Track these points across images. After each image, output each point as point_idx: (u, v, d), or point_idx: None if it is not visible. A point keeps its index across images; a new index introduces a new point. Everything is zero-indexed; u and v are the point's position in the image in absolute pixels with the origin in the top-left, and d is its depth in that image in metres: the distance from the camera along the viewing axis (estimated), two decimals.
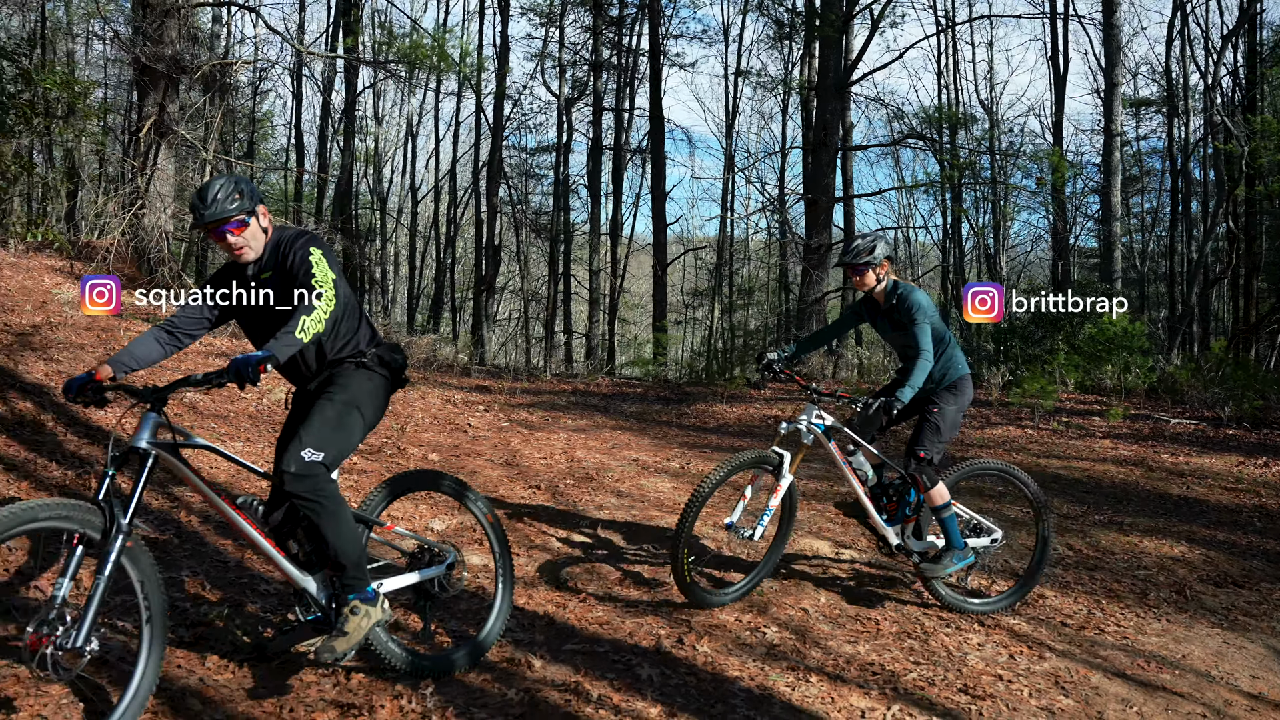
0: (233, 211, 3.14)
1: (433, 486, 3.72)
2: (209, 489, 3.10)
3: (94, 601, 2.67)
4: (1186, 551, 6.07)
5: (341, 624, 3.13)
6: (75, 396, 2.99)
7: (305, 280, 3.16)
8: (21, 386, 6.76)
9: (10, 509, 2.60)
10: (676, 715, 3.35)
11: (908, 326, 4.53)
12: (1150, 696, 3.88)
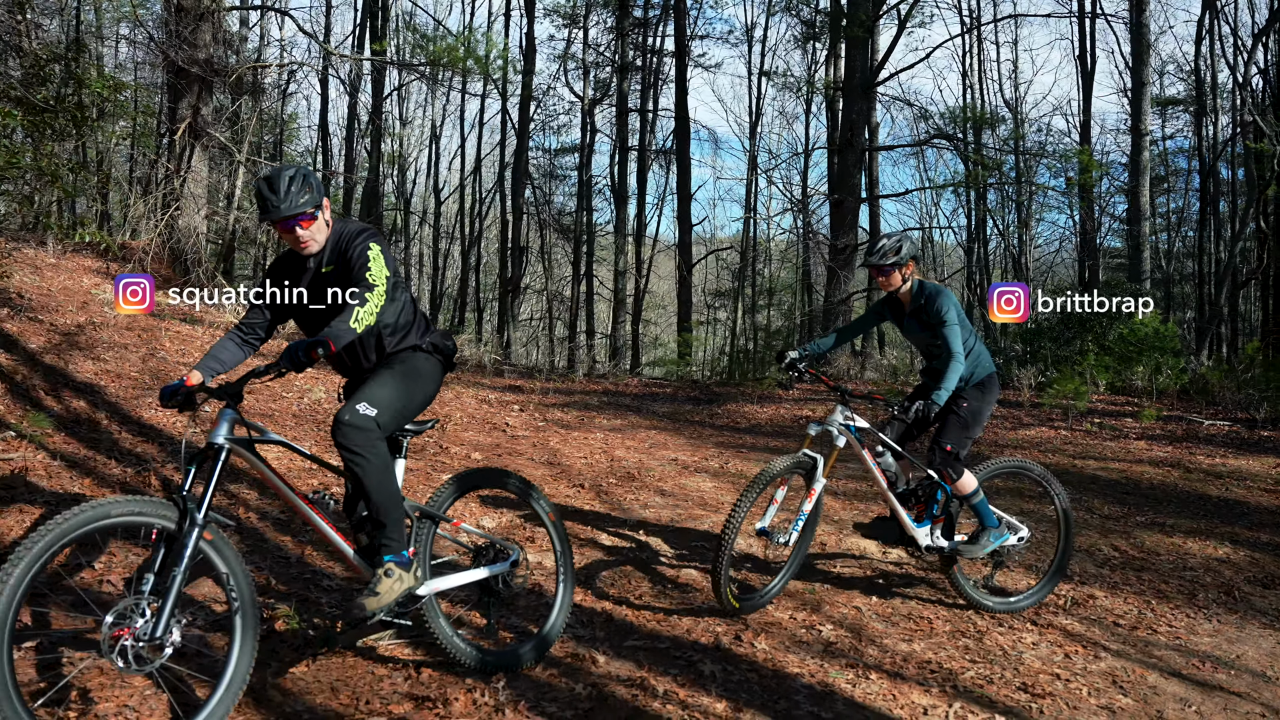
0: (304, 206, 3.21)
1: (498, 484, 3.78)
2: (283, 483, 3.17)
3: (172, 593, 2.73)
4: (1231, 553, 6.05)
5: (374, 584, 3.17)
6: (168, 402, 3.06)
7: (360, 273, 3.23)
8: (74, 385, 6.88)
9: (84, 507, 2.67)
10: (742, 711, 3.40)
11: (937, 328, 4.52)
12: (1208, 696, 3.89)
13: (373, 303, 3.12)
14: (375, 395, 3.22)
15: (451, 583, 3.50)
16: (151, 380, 7.72)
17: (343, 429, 3.11)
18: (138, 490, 5.13)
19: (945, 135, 22.00)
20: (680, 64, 21.91)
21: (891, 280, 4.56)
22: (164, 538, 2.81)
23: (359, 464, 3.13)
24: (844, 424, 4.43)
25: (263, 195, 3.20)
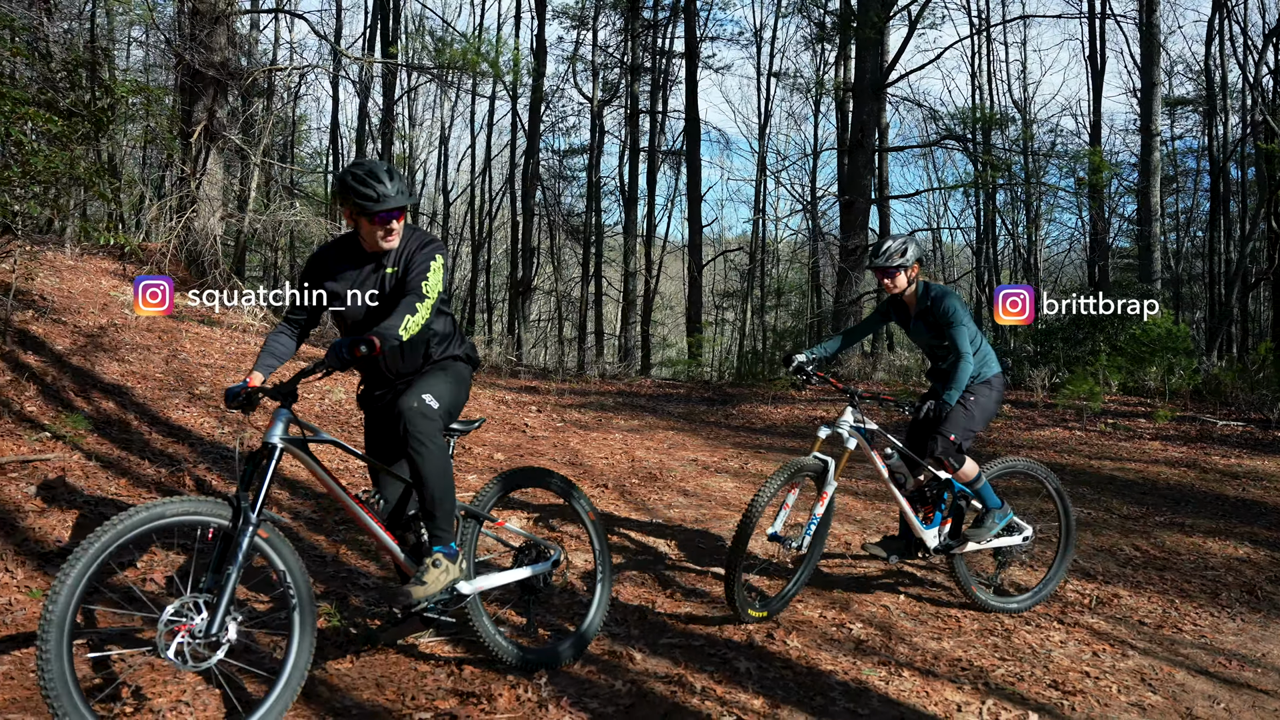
0: (404, 201, 3.26)
1: (541, 483, 3.84)
2: (335, 483, 3.23)
3: (226, 591, 2.79)
4: (1251, 552, 6.09)
5: (421, 574, 3.22)
6: (232, 404, 3.12)
7: (417, 281, 3.28)
8: (102, 387, 6.95)
9: (141, 507, 2.72)
10: (780, 707, 3.45)
11: (944, 329, 4.53)
12: (1236, 693, 3.93)
13: (421, 313, 3.19)
14: (436, 390, 3.30)
15: (496, 582, 3.56)
16: (176, 381, 7.80)
17: (411, 417, 3.17)
18: (173, 490, 5.20)
19: (955, 136, 22.02)
20: (691, 65, 21.96)
21: (896, 282, 4.55)
22: (220, 536, 2.86)
23: (422, 452, 3.19)
24: (854, 426, 4.44)
25: (366, 185, 3.20)
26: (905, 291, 4.62)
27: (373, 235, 3.31)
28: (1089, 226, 23.21)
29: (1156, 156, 19.71)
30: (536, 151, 23.26)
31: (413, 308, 3.19)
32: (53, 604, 2.50)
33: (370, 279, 3.40)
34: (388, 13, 24.00)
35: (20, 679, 3.17)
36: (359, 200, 3.21)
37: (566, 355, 24.81)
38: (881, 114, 20.71)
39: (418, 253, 3.35)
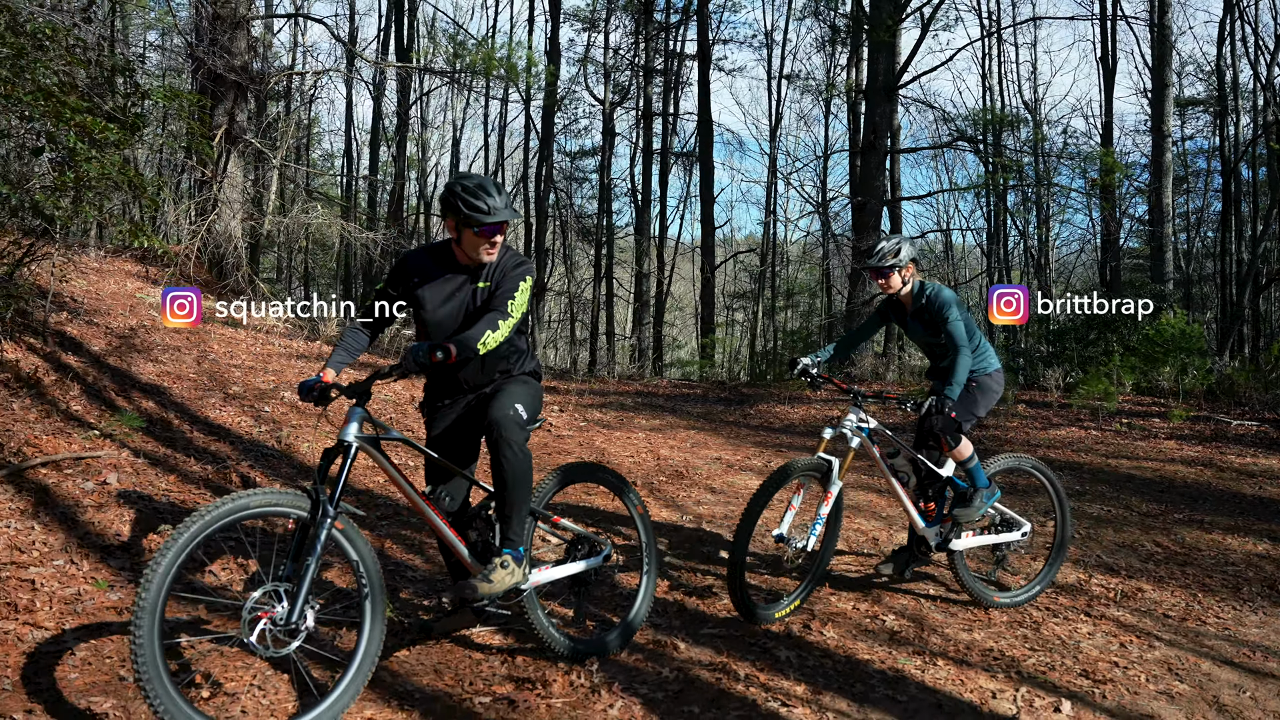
0: (509, 216, 3.38)
1: (595, 478, 3.98)
2: (405, 480, 3.36)
3: (306, 580, 2.91)
4: (1271, 549, 6.20)
5: (489, 572, 3.34)
6: (306, 397, 3.25)
7: (504, 300, 3.41)
8: (140, 387, 7.11)
9: (226, 499, 2.85)
10: (821, 693, 3.58)
11: (940, 325, 4.58)
12: (1261, 683, 4.05)
13: (502, 331, 3.33)
14: (523, 400, 3.43)
15: (552, 576, 3.68)
16: (209, 382, 7.96)
17: (505, 424, 3.30)
18: (222, 486, 5.35)
19: (966, 137, 22.11)
20: (703, 68, 22.10)
21: (890, 283, 4.62)
22: (300, 527, 2.99)
23: (510, 457, 3.31)
24: (858, 426, 4.47)
25: (477, 198, 3.32)
26: (901, 291, 4.69)
27: (475, 247, 3.42)
28: (1100, 227, 23.26)
29: (1168, 157, 19.75)
30: (551, 154, 23.41)
31: (495, 324, 3.32)
32: (145, 592, 2.63)
33: (463, 290, 3.51)
34: (402, 16, 24.18)
35: (97, 664, 3.31)
36: (468, 213, 3.32)
37: (579, 356, 24.97)
38: (894, 116, 20.80)
39: (510, 271, 3.47)
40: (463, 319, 3.50)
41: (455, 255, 3.52)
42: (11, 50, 4.19)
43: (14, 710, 2.94)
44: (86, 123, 4.47)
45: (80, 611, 3.67)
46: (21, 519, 4.31)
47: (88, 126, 4.50)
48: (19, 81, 4.28)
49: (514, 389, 3.49)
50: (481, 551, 3.51)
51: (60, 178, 4.73)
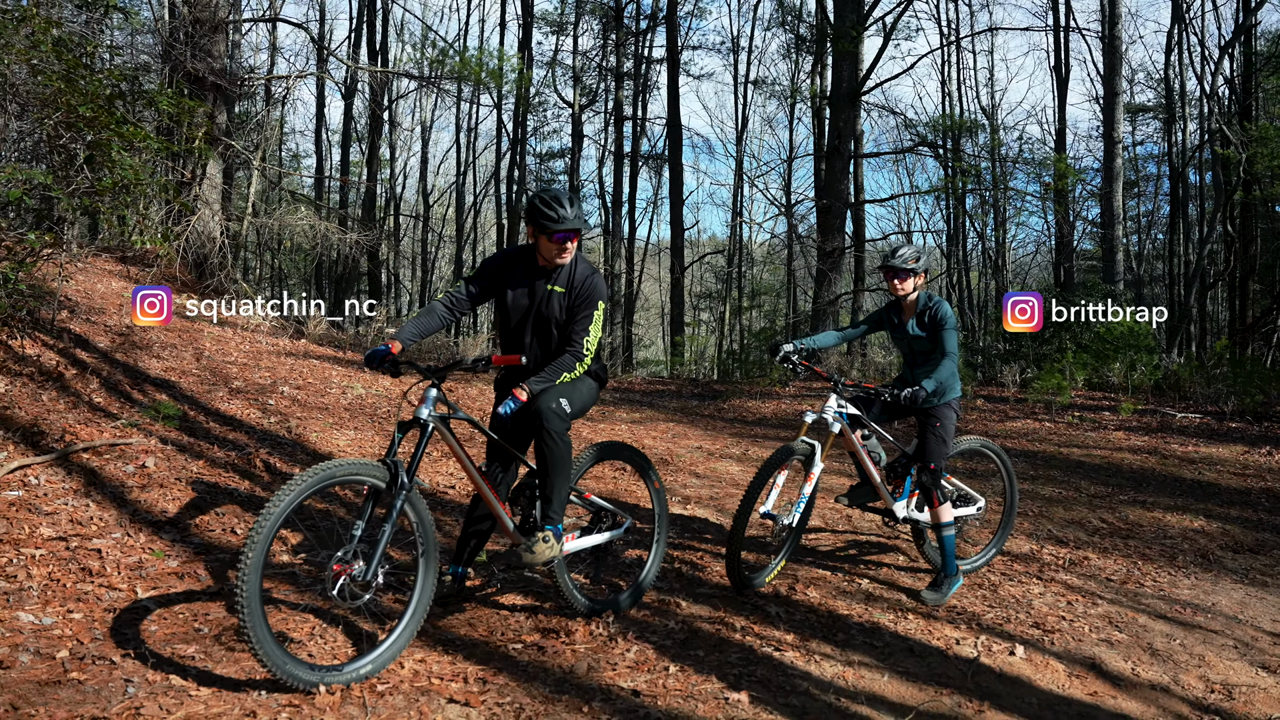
0: (579, 225, 3.84)
1: (622, 457, 4.43)
2: (467, 457, 3.78)
3: (382, 542, 3.35)
4: (1205, 525, 6.82)
5: (531, 544, 3.78)
6: (375, 367, 3.66)
7: (580, 336, 3.89)
8: (151, 381, 7.46)
9: (316, 469, 3.26)
10: (809, 640, 4.09)
11: (937, 331, 4.90)
12: (1189, 633, 4.62)
13: (580, 367, 3.85)
14: (571, 396, 3.87)
15: (580, 545, 4.15)
16: (212, 377, 8.31)
17: (548, 415, 3.75)
18: (248, 471, 5.74)
19: (927, 143, 22.86)
20: (672, 72, 22.62)
21: (905, 286, 4.93)
22: (373, 493, 3.42)
23: (552, 445, 3.77)
24: (838, 411, 4.84)
25: (550, 208, 3.76)
26: (909, 296, 5.01)
27: (550, 251, 3.88)
28: (1055, 229, 24.12)
29: (1119, 162, 20.60)
30: (525, 155, 23.81)
31: (571, 366, 3.84)
32: (250, 551, 3.02)
33: (538, 290, 3.96)
34: (373, 19, 24.46)
35: (171, 619, 3.73)
36: (542, 220, 3.78)
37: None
38: (857, 121, 21.46)
39: (584, 285, 3.91)
40: (534, 315, 3.96)
41: (535, 258, 3.96)
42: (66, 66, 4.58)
43: (111, 655, 3.35)
44: (128, 132, 4.85)
45: (146, 576, 4.07)
46: (76, 497, 4.69)
47: (127, 135, 4.88)
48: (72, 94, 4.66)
49: (567, 386, 3.89)
50: (522, 524, 3.96)
51: (100, 182, 5.09)
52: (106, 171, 5.13)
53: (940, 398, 4.94)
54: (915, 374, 5.07)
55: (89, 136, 4.93)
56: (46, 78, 4.68)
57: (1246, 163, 18.59)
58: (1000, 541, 5.53)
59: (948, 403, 4.98)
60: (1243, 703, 3.89)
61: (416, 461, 3.50)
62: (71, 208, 4.89)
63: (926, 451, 4.93)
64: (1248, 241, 20.95)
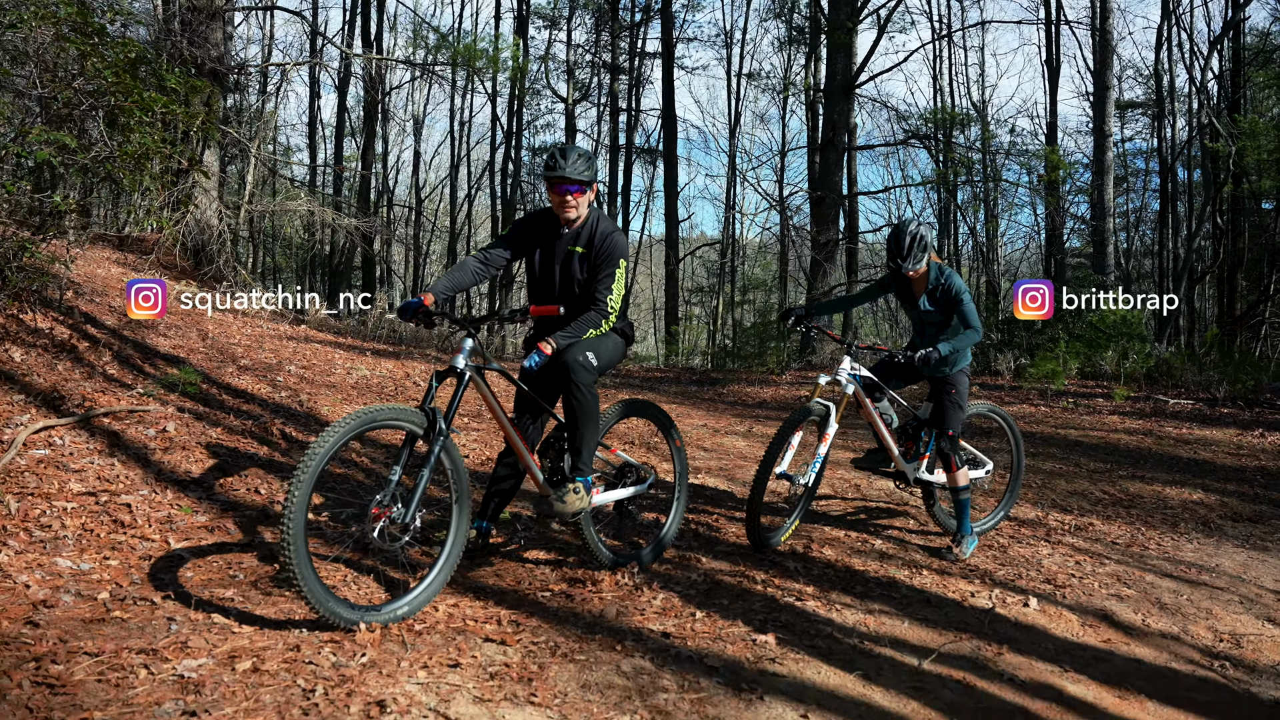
0: (580, 176, 3.89)
1: (647, 414, 4.52)
2: (499, 406, 3.85)
3: (420, 487, 3.41)
4: (1204, 497, 6.94)
5: (562, 494, 3.88)
6: (409, 318, 3.72)
7: (603, 293, 3.94)
8: (161, 356, 7.50)
9: (359, 412, 3.32)
10: (828, 592, 4.18)
11: (954, 306, 4.92)
12: (1195, 590, 4.73)
13: (605, 325, 3.93)
14: (597, 350, 3.94)
15: (607, 499, 4.23)
16: (219, 354, 8.36)
17: (575, 368, 3.82)
18: (265, 438, 5.79)
19: (919, 135, 23.00)
20: (667, 65, 22.68)
21: (920, 271, 4.92)
22: (410, 439, 3.48)
23: (580, 398, 3.85)
24: (851, 373, 4.89)
25: (552, 160, 3.88)
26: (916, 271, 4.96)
27: (554, 204, 3.97)
28: (1045, 222, 24.32)
29: (1109, 156, 20.76)
30: (520, 147, 23.86)
31: (596, 323, 3.90)
32: (296, 489, 3.07)
33: (559, 250, 4.04)
34: (367, 7, 24.44)
35: (206, 567, 3.79)
36: (545, 173, 3.89)
37: None
38: (851, 114, 21.58)
39: (604, 244, 3.97)
40: (559, 274, 4.04)
41: (557, 217, 4.04)
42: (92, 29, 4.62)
43: (151, 596, 3.41)
44: (149, 99, 4.89)
45: (177, 529, 4.13)
46: (102, 457, 4.75)
47: (148, 103, 4.93)
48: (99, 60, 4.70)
49: (594, 341, 3.96)
50: (550, 477, 4.03)
51: (121, 149, 5.14)
52: (125, 138, 5.17)
53: (952, 366, 5.01)
54: (922, 343, 5.09)
55: (110, 102, 4.98)
56: (71, 41, 4.73)
57: (1236, 155, 18.79)
58: (1009, 504, 5.63)
59: (961, 369, 5.06)
60: (1251, 650, 4.00)
61: (454, 409, 3.57)
62: (95, 174, 4.93)
63: (945, 418, 5.02)
64: (1236, 236, 21.17)
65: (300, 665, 2.94)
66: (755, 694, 3.09)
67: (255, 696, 2.71)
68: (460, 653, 3.17)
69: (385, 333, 14.73)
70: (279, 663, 2.94)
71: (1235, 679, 3.69)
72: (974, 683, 3.37)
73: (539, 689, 2.96)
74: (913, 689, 3.27)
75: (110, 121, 5.04)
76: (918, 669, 3.46)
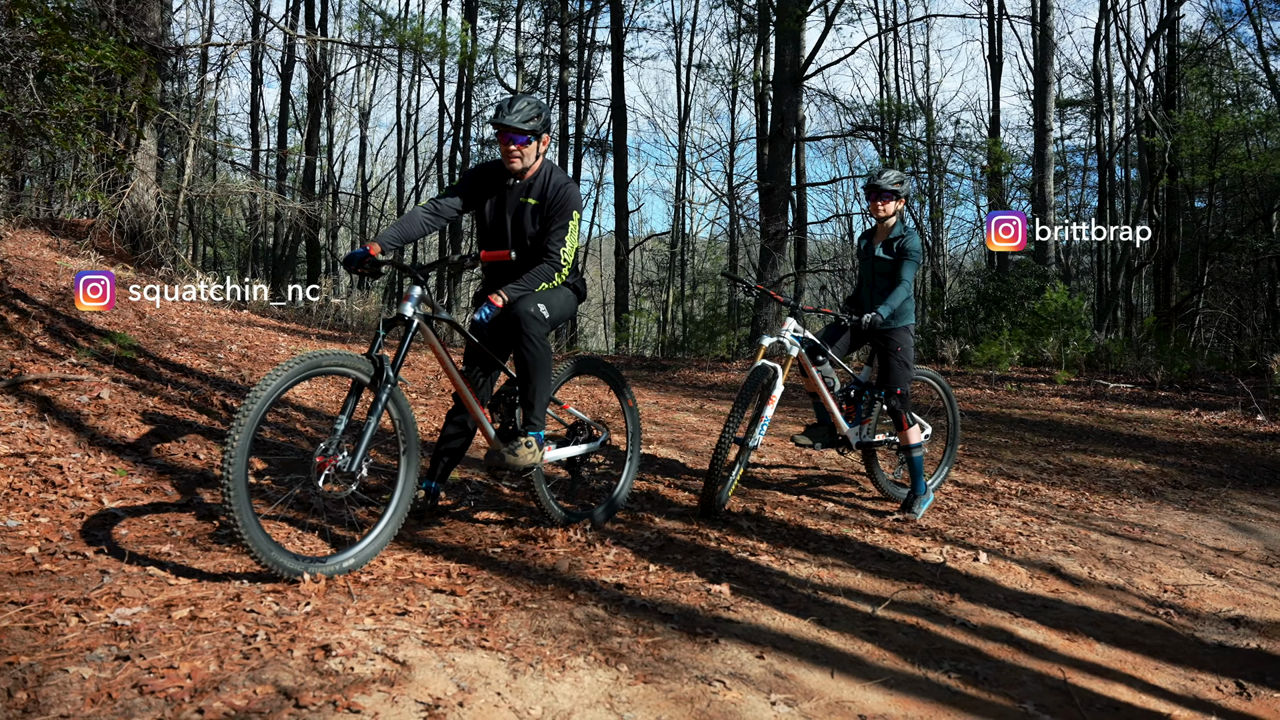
0: (521, 125, 3.80)
1: (598, 372, 4.47)
2: (449, 358, 3.75)
3: (366, 435, 3.30)
4: (1145, 467, 7.08)
5: (514, 448, 3.80)
6: (353, 268, 3.60)
7: (556, 246, 3.88)
8: (96, 330, 7.26)
9: (302, 357, 3.21)
10: (782, 547, 4.17)
11: (900, 258, 4.96)
12: (1139, 546, 4.81)
13: (557, 279, 3.87)
14: (549, 303, 3.86)
15: (559, 455, 4.15)
16: (157, 332, 8.12)
17: (527, 320, 3.73)
18: (205, 407, 5.63)
19: (867, 128, 23.24)
20: (617, 55, 22.63)
21: (885, 207, 4.98)
22: (356, 387, 3.37)
23: (532, 349, 3.76)
24: (794, 335, 4.87)
25: (501, 107, 3.82)
26: (888, 219, 5.06)
27: (502, 153, 3.89)
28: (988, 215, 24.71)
29: (1050, 150, 21.16)
30: (467, 139, 23.61)
31: (549, 275, 3.84)
32: (236, 434, 2.93)
33: (511, 201, 3.95)
34: None
35: (141, 525, 3.65)
36: (490, 119, 3.81)
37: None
38: (799, 105, 21.72)
39: (557, 196, 3.90)
40: (510, 225, 3.95)
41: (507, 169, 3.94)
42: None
43: (83, 551, 3.28)
44: (85, 51, 4.68)
45: (111, 490, 3.98)
46: (31, 421, 4.56)
47: (83, 56, 4.72)
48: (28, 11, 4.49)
49: (544, 292, 3.89)
50: (501, 431, 3.95)
51: (51, 105, 4.94)
52: (59, 96, 4.97)
53: (897, 320, 5.01)
54: (873, 294, 5.11)
55: (41, 54, 4.78)
56: None
57: (1171, 150, 19.28)
58: (949, 460, 5.67)
59: (905, 326, 5.05)
60: (1194, 600, 4.07)
61: (401, 357, 3.47)
62: (26, 134, 4.73)
63: (891, 376, 5.02)
64: (1171, 229, 21.71)
65: (241, 613, 2.84)
66: (710, 637, 3.05)
67: (193, 642, 2.61)
68: (409, 602, 3.09)
69: (330, 319, 14.48)
70: (218, 611, 2.84)
71: (1180, 625, 3.74)
72: (927, 627, 3.38)
73: (490, 635, 2.89)
74: (867, 633, 3.26)
75: (40, 79, 4.83)
76: (871, 615, 3.45)
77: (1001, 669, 3.09)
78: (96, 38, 7.37)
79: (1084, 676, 3.09)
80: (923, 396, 6.42)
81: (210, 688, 2.34)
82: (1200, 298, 21.40)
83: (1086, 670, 3.15)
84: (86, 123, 5.06)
